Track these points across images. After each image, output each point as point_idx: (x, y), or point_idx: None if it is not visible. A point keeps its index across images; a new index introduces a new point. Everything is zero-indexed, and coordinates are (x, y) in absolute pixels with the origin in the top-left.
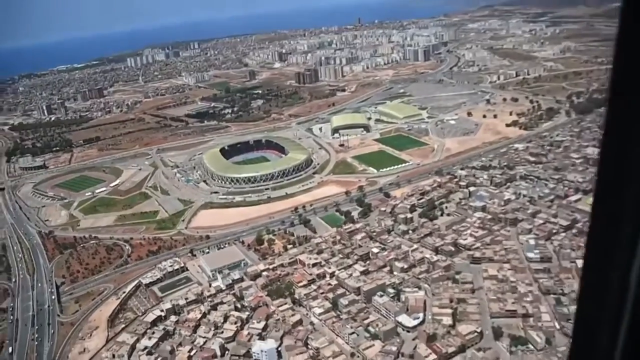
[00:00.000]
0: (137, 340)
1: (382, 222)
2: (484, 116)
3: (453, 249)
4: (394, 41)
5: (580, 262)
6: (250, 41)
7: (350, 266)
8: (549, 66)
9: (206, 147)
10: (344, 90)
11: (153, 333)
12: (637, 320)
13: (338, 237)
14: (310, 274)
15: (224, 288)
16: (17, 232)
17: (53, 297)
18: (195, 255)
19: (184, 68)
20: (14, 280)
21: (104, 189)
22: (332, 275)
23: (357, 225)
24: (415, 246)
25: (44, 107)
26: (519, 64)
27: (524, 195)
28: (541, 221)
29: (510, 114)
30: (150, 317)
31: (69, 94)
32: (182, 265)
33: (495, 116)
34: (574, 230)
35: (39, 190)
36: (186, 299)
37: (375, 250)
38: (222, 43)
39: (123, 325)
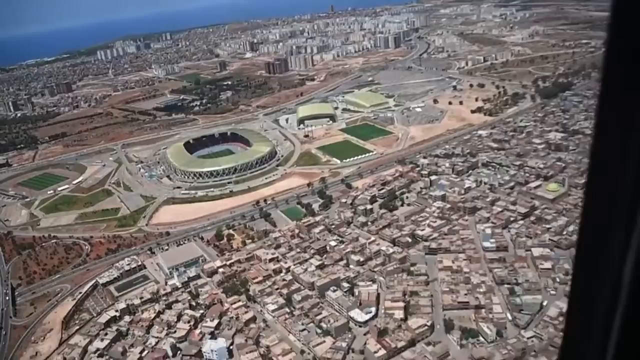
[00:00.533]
0: (90, 342)
1: (342, 214)
2: (450, 103)
3: (410, 240)
4: (366, 28)
5: (536, 250)
6: (223, 31)
7: (306, 260)
8: (517, 51)
9: (172, 141)
10: (313, 80)
11: (106, 334)
12: (630, 319)
13: (297, 231)
14: (266, 270)
15: (179, 286)
16: None
17: (7, 298)
18: (154, 253)
19: (154, 60)
20: None
21: (66, 186)
22: (287, 270)
23: (317, 218)
24: (372, 238)
25: (10, 103)
26: (488, 49)
27: (485, 183)
28: (499, 209)
29: (476, 100)
30: (105, 317)
31: (36, 89)
32: (140, 263)
33: (461, 102)
34: (531, 218)
35: (0, 189)
36: (141, 298)
37: (332, 243)
38: (194, 34)
39: (77, 327)
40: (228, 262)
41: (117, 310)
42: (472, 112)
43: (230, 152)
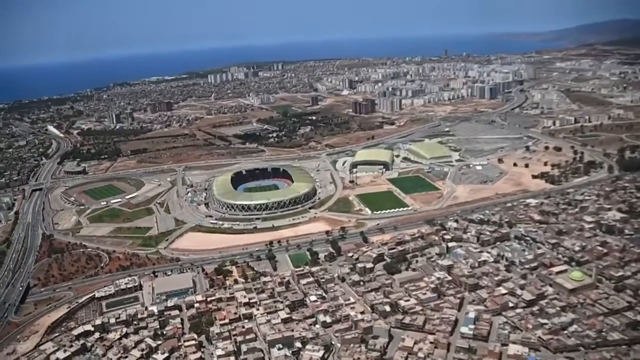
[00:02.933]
0: (55, 351)
1: (340, 269)
2: (515, 164)
3: (389, 309)
4: (470, 76)
5: (512, 348)
6: (332, 66)
7: (276, 311)
8: (618, 114)
9: (229, 169)
10: (393, 124)
11: (71, 347)
12: None
13: (287, 279)
14: (235, 313)
15: (156, 313)
16: (28, 232)
17: (19, 296)
18: (156, 276)
19: (255, 88)
20: None
21: (119, 200)
22: (250, 317)
23: (313, 269)
24: (353, 300)
25: (114, 116)
26: (587, 110)
27: (506, 259)
28: (504, 291)
29: (545, 164)
30: (78, 330)
31: (142, 104)
32: (137, 284)
33: (526, 165)
34: (534, 307)
35: (66, 194)
36: (117, 318)
37: (313, 298)
38: (305, 66)
39: (56, 334)
40: (208, 299)
41: (93, 326)
42: (534, 177)
43: (276, 187)
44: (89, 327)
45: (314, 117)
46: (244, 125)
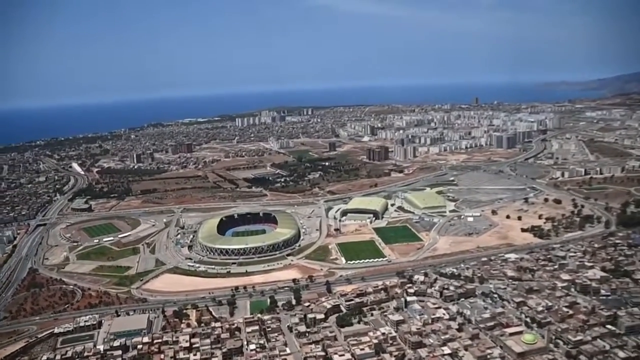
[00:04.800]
0: None
1: (291, 319)
2: (508, 216)
3: None
4: (494, 125)
5: None
6: (361, 112)
7: (211, 358)
8: (632, 166)
9: (225, 213)
10: (401, 172)
11: None
12: None
13: (237, 326)
14: (172, 357)
15: (101, 352)
16: (18, 265)
17: None
18: (119, 315)
19: (278, 133)
20: None
21: (111, 238)
22: None
23: (265, 317)
24: (289, 351)
25: (135, 156)
26: (603, 161)
27: (463, 316)
28: (448, 351)
29: (540, 217)
30: None
31: (166, 145)
32: (96, 322)
33: (519, 218)
34: None
35: (66, 230)
36: (63, 355)
37: (252, 347)
38: (334, 111)
39: None
40: (156, 341)
41: None
42: (523, 230)
43: (264, 232)
44: None
45: (326, 163)
46: (258, 169)
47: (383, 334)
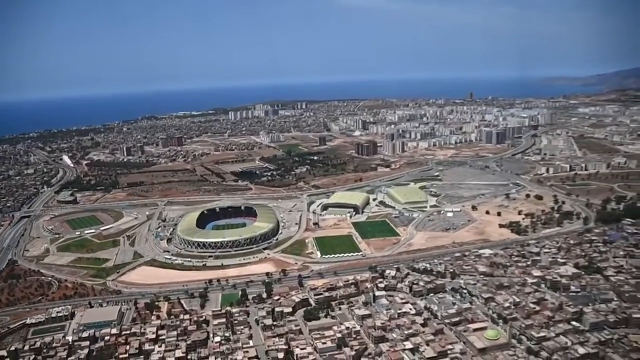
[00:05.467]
0: None
1: (259, 312)
2: (487, 212)
3: (282, 356)
4: (486, 120)
5: None
6: (355, 106)
7: (175, 349)
8: (618, 163)
9: (207, 206)
10: (388, 166)
11: None
12: None
13: (206, 318)
14: (137, 348)
15: (70, 342)
16: None
17: None
18: (92, 307)
19: (270, 126)
20: None
21: (92, 230)
22: (149, 354)
23: (234, 310)
24: (252, 344)
25: (125, 149)
26: (590, 157)
27: (431, 312)
28: (410, 346)
29: (519, 213)
30: None
31: (157, 139)
32: (69, 313)
33: (499, 214)
34: None
35: (49, 222)
36: (32, 345)
37: (217, 339)
38: (328, 105)
39: None
40: (124, 332)
41: (7, 351)
42: (501, 226)
43: (244, 225)
44: (2, 353)
45: (315, 157)
46: (246, 162)
47: (347, 328)
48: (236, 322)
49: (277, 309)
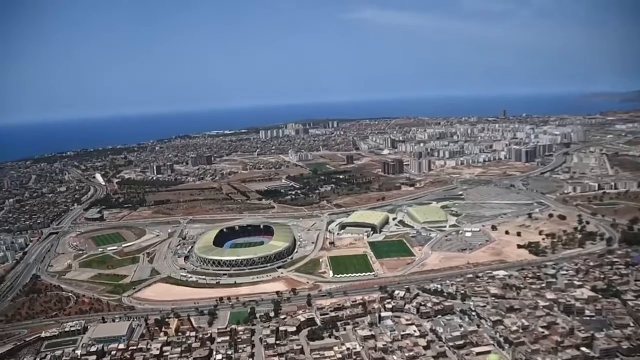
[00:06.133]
0: None
1: (263, 330)
2: (507, 232)
3: None
4: (518, 137)
5: None
6: (386, 125)
7: None
8: None
9: (230, 224)
10: (412, 186)
11: None
12: None
13: (209, 336)
14: None
15: (78, 357)
16: (23, 271)
17: None
18: (105, 322)
19: (299, 145)
20: None
21: (114, 247)
22: None
23: (239, 327)
24: None
25: (155, 167)
26: (622, 175)
27: (436, 334)
28: None
29: (540, 233)
30: None
31: (187, 157)
32: (82, 327)
33: (518, 234)
34: None
35: (75, 239)
36: (42, 358)
37: (219, 356)
38: (359, 124)
39: None
40: (128, 348)
41: None
42: (519, 247)
43: (262, 243)
44: None
45: (341, 176)
46: (273, 181)
47: (348, 348)
48: (239, 340)
49: (281, 328)
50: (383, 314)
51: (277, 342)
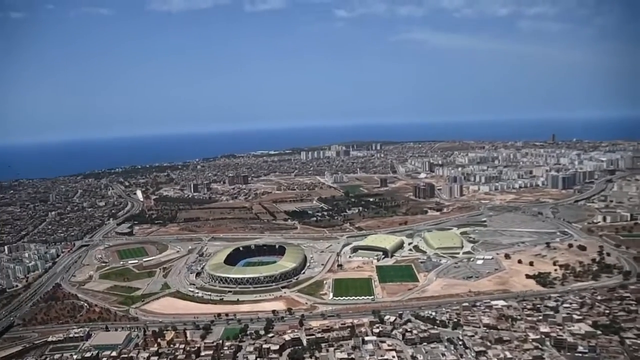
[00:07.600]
0: None
1: (248, 347)
2: (519, 261)
3: None
4: (561, 163)
5: None
6: (429, 148)
7: None
8: None
9: (249, 243)
10: (439, 210)
11: None
12: None
13: (195, 349)
14: None
15: None
16: (48, 281)
17: None
18: (108, 330)
19: (337, 167)
20: None
21: (135, 261)
22: None
23: (227, 343)
24: None
25: (192, 186)
26: None
27: None
28: None
29: (554, 263)
30: None
31: (226, 176)
32: (85, 334)
33: (531, 263)
34: None
35: (102, 252)
36: None
37: None
38: (403, 147)
39: None
40: (120, 356)
41: None
42: (527, 277)
43: (275, 263)
44: None
45: (371, 199)
46: (304, 202)
47: None
48: (222, 355)
49: (264, 346)
50: (367, 338)
51: (259, 359)
